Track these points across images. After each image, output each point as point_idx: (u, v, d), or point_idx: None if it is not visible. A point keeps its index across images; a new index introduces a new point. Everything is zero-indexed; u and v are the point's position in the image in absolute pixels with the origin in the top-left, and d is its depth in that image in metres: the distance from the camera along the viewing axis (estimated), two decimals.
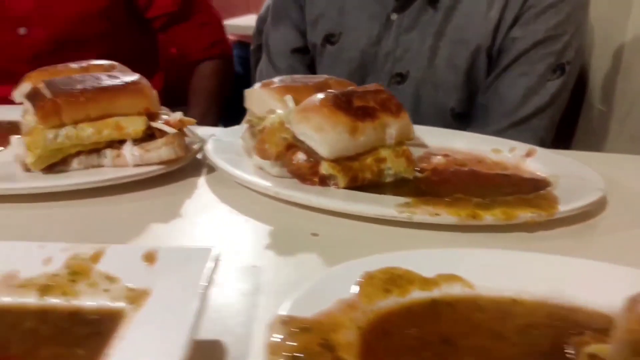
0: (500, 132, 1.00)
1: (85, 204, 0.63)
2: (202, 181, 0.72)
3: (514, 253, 0.49)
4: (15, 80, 0.79)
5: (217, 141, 0.77)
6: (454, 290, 0.44)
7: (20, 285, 0.42)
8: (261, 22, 2.20)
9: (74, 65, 0.77)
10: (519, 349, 0.38)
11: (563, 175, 0.70)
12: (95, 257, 0.44)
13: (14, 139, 0.67)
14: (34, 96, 0.64)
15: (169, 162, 0.70)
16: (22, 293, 0.42)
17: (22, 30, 1.35)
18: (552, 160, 0.77)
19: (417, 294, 0.43)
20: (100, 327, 0.39)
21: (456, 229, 0.58)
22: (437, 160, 0.78)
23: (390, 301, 0.42)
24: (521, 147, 0.80)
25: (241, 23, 3.18)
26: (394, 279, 0.44)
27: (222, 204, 0.66)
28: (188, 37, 1.53)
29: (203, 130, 0.83)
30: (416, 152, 0.76)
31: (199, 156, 0.77)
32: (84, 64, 0.78)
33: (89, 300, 0.41)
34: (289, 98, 0.69)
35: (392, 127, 0.67)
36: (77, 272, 0.43)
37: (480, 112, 1.12)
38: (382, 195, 0.63)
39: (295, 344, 0.36)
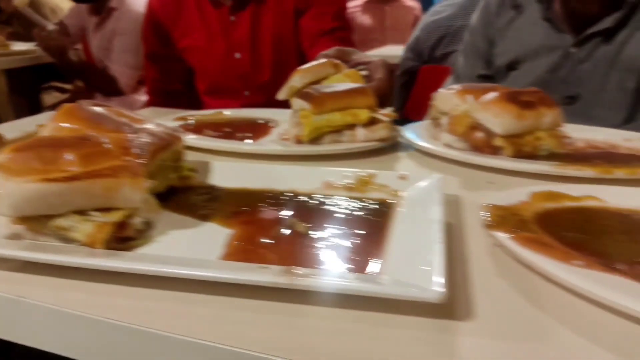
0: None
1: (332, 165, 0.99)
2: (402, 154, 1.05)
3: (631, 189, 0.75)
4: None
5: (409, 130, 1.10)
6: (591, 203, 0.71)
7: (334, 187, 0.77)
8: (410, 51, 2.56)
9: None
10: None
11: None
12: (372, 176, 0.78)
13: (293, 117, 1.05)
14: (306, 95, 1.01)
15: (384, 140, 1.03)
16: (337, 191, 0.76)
17: (237, 55, 1.82)
18: None
19: (568, 203, 0.71)
20: (384, 207, 0.72)
21: (594, 182, 0.84)
22: (579, 144, 1.03)
23: (551, 205, 0.70)
24: None
25: (381, 53, 3.55)
26: (552, 195, 0.72)
27: (421, 167, 0.98)
28: None
29: None
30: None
31: (400, 139, 1.10)
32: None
33: (375, 195, 0.74)
34: (469, 97, 1.00)
35: (547, 116, 0.95)
36: (365, 182, 0.77)
37: None
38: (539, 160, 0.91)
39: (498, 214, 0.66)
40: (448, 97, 1.04)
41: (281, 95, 1.13)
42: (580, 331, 0.48)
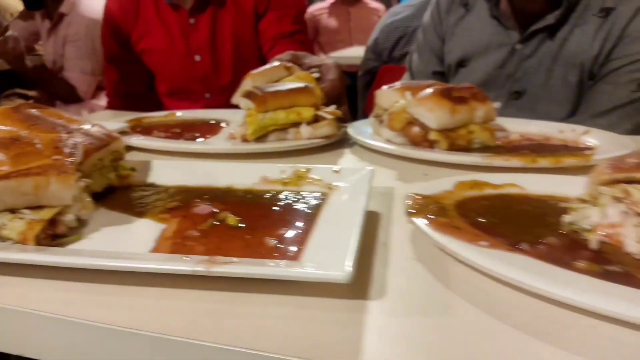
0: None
1: (279, 161, 1.01)
2: (347, 150, 1.08)
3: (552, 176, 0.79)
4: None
5: (354, 127, 1.13)
6: (510, 190, 0.75)
7: (271, 182, 0.79)
8: (370, 52, 2.61)
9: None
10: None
11: (607, 144, 0.97)
12: (308, 170, 0.81)
13: (243, 116, 1.07)
14: (250, 94, 1.04)
15: (329, 137, 1.06)
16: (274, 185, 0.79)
17: (197, 57, 1.83)
18: (603, 136, 1.04)
19: (488, 191, 0.75)
20: (315, 199, 0.75)
21: (521, 171, 0.88)
22: (513, 136, 1.08)
23: (473, 193, 0.74)
24: (580, 128, 1.08)
25: (346, 54, 3.60)
26: (475, 184, 0.76)
27: (362, 162, 1.01)
28: None
29: None
30: (498, 133, 1.07)
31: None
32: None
33: (309, 188, 0.77)
34: (407, 93, 1.04)
35: (480, 110, 0.99)
36: (300, 176, 0.80)
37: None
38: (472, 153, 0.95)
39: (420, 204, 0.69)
40: (389, 94, 1.08)
41: (235, 99, 1.16)
42: (483, 306, 0.52)
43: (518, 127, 1.14)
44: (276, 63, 1.21)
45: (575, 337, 0.46)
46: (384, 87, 1.11)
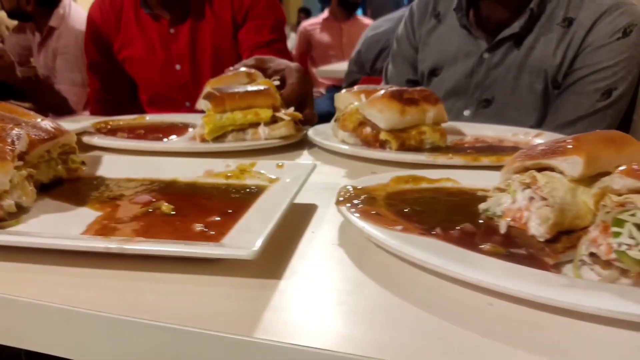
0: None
1: (236, 162, 1.04)
2: (305, 152, 1.11)
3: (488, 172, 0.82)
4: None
5: (315, 129, 1.16)
6: (445, 184, 0.77)
7: (214, 175, 0.82)
8: (353, 64, 2.65)
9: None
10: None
11: None
12: (252, 165, 0.83)
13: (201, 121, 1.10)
14: (209, 95, 1.07)
15: (287, 137, 1.09)
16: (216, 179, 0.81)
17: (177, 67, 1.87)
18: (553, 138, 1.06)
19: (423, 185, 0.77)
20: (253, 190, 0.77)
21: (466, 168, 0.91)
22: (468, 139, 1.11)
23: (408, 186, 0.76)
24: (533, 131, 1.11)
25: (336, 68, 3.64)
26: (412, 178, 0.78)
27: (316, 161, 1.04)
28: None
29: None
30: (454, 136, 1.10)
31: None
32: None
33: (250, 181, 0.80)
34: (362, 96, 1.06)
35: (431, 112, 1.02)
36: (244, 170, 0.82)
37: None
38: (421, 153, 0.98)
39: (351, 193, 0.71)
40: (346, 97, 1.11)
41: (197, 104, 1.19)
42: (390, 285, 0.54)
43: (474, 130, 1.17)
44: (242, 69, 1.25)
45: (470, 314, 0.48)
46: (343, 91, 1.14)
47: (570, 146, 0.57)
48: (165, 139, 1.14)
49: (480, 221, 0.64)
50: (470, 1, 1.51)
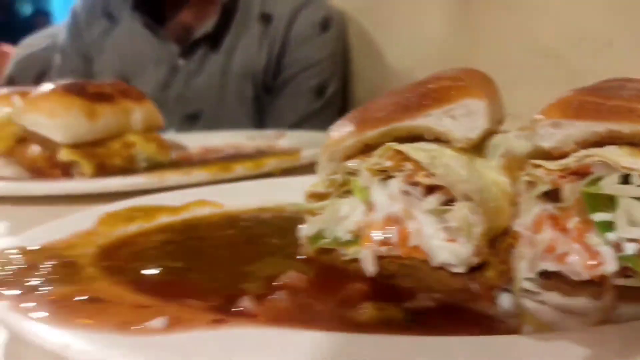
0: None
1: None
2: None
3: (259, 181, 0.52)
4: None
5: None
6: (199, 212, 0.44)
7: None
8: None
9: None
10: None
11: (309, 142, 0.77)
12: None
13: None
14: None
15: None
16: None
17: None
18: (300, 136, 0.85)
19: (167, 218, 0.42)
20: None
21: (217, 183, 0.59)
22: (195, 151, 0.80)
23: (136, 226, 0.40)
24: (273, 133, 0.88)
25: None
26: (140, 210, 0.42)
27: None
28: None
29: None
30: (175, 151, 0.77)
31: None
32: None
33: None
34: (15, 98, 0.64)
35: (137, 113, 0.66)
36: None
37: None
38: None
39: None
40: None
41: None
42: None
43: (198, 141, 0.87)
44: None
45: None
46: None
47: (453, 86, 0.30)
48: None
49: (298, 259, 0.33)
50: None
